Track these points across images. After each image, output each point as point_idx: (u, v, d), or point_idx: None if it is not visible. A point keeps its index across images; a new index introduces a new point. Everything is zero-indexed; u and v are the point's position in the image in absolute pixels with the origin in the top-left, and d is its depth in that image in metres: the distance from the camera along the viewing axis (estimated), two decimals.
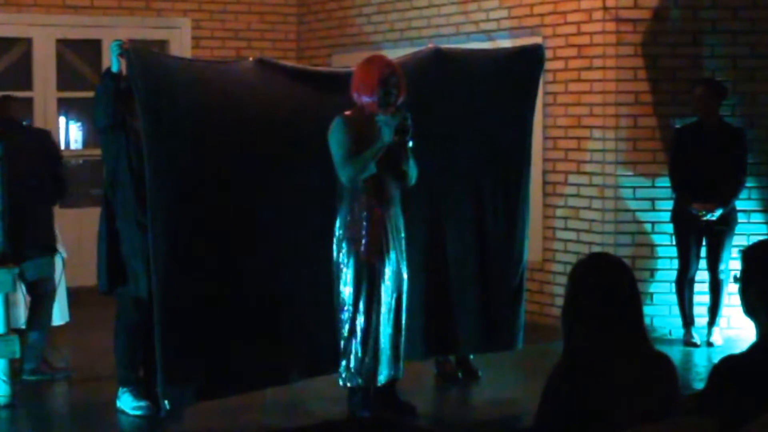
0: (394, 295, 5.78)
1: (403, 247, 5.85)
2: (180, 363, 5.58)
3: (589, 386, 3.20)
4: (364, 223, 5.70)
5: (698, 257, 7.73)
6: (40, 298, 6.87)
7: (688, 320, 7.77)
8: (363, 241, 5.70)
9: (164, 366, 5.53)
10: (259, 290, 5.85)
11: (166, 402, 5.54)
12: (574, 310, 3.29)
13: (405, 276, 5.85)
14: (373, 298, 5.72)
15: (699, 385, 6.51)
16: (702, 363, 7.31)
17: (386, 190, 5.76)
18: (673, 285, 7.83)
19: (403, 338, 5.86)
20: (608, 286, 3.27)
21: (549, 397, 3.24)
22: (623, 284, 3.29)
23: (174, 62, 6.28)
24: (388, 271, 5.75)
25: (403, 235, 5.85)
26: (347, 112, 5.76)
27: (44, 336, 6.91)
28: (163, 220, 5.53)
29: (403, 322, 5.86)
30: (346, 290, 5.72)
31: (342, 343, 5.76)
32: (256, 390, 6.00)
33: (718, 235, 7.60)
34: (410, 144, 5.69)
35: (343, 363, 5.77)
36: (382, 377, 5.79)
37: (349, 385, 5.81)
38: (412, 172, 5.80)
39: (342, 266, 5.73)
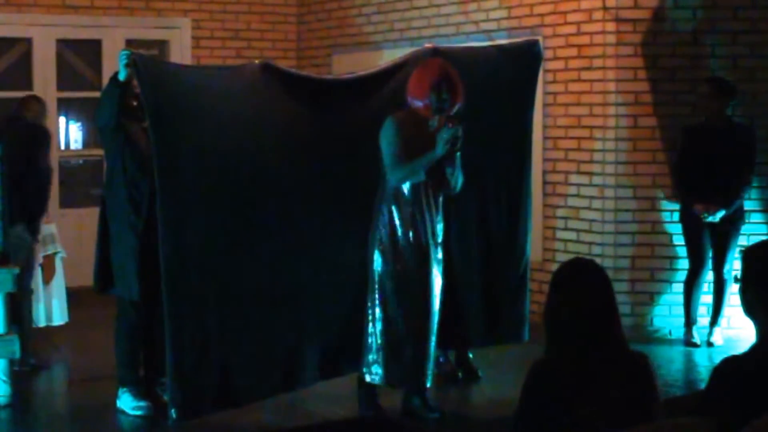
0: (429, 299, 5.79)
1: (440, 255, 5.87)
2: (192, 372, 5.51)
3: (566, 386, 3.27)
4: (404, 228, 5.74)
5: (709, 257, 7.68)
6: None
7: (690, 320, 7.74)
8: (401, 245, 5.74)
9: (175, 375, 5.45)
10: (272, 293, 5.82)
11: (173, 411, 5.44)
12: (554, 315, 3.36)
13: (439, 281, 5.87)
14: (406, 301, 5.75)
15: (699, 385, 6.51)
16: (702, 363, 7.31)
17: (429, 196, 5.80)
18: (673, 285, 7.82)
19: (433, 343, 5.86)
20: (585, 294, 3.33)
21: (527, 396, 3.28)
22: (600, 291, 3.35)
23: (181, 70, 6.27)
24: (424, 275, 5.77)
25: (440, 240, 5.88)
26: (399, 113, 5.80)
27: None
28: (173, 224, 5.48)
29: (435, 326, 5.86)
30: (380, 290, 5.75)
31: (368, 340, 5.78)
32: (271, 396, 5.94)
33: (725, 235, 7.57)
34: (458, 154, 5.72)
35: (368, 359, 5.80)
36: (428, 380, 5.87)
37: (369, 380, 5.85)
38: (459, 180, 5.85)
39: (377, 267, 5.76)
